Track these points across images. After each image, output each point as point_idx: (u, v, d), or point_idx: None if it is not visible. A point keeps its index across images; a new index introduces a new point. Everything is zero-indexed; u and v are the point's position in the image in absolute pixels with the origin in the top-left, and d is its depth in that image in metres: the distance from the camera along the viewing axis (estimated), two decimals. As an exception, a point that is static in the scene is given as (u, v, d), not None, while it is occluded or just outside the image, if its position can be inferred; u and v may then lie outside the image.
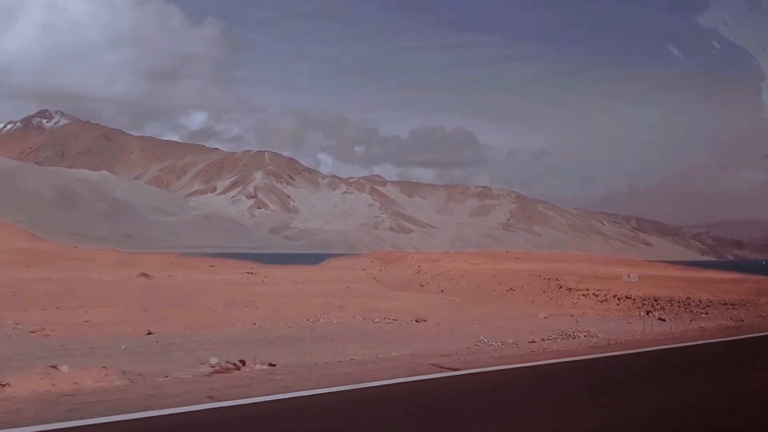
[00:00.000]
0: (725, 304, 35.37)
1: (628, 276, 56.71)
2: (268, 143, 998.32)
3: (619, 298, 37.28)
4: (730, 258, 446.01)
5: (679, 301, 35.81)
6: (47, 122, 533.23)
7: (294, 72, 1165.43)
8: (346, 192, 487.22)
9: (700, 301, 35.88)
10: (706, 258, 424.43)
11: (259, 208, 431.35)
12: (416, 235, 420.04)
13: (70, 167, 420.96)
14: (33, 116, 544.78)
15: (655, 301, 36.38)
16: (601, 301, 37.10)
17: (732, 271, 75.67)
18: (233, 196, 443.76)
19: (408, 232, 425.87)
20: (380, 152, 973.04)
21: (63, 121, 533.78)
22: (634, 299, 36.80)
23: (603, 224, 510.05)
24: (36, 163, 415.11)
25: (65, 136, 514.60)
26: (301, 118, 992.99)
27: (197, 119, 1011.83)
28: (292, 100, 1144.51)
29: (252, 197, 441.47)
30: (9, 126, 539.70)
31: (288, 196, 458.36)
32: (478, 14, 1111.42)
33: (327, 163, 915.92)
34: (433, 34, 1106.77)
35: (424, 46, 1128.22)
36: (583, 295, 38.71)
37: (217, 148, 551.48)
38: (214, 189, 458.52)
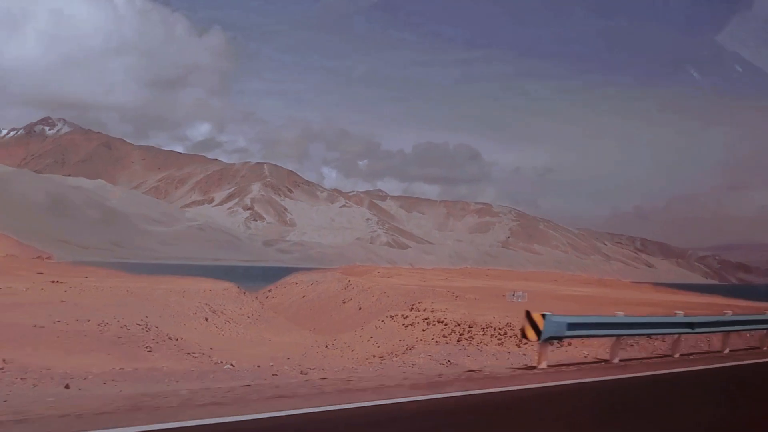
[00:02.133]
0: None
1: (513, 295, 51.04)
2: (272, 155, 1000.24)
3: (429, 323, 31.90)
4: (734, 282, 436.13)
5: (495, 328, 30.41)
6: (50, 130, 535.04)
7: (298, 84, 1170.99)
8: (344, 206, 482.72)
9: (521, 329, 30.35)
10: (709, 281, 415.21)
11: (254, 220, 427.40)
12: (412, 250, 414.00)
13: (69, 175, 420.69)
14: (36, 123, 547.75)
15: (470, 327, 31.00)
16: (407, 326, 31.80)
17: (697, 292, 68.93)
18: (230, 208, 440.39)
19: (404, 248, 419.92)
20: (384, 166, 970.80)
21: (65, 129, 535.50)
22: (446, 324, 31.44)
23: (605, 244, 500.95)
24: (36, 170, 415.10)
25: (67, 144, 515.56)
26: (304, 131, 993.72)
27: (201, 130, 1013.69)
28: (295, 112, 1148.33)
29: (248, 209, 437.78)
30: (12, 132, 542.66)
31: (285, 209, 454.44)
32: (487, 30, 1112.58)
33: (331, 177, 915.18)
34: (441, 49, 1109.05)
35: (431, 61, 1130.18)
36: (391, 316, 33.45)
37: (217, 159, 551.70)
38: (212, 200, 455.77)
